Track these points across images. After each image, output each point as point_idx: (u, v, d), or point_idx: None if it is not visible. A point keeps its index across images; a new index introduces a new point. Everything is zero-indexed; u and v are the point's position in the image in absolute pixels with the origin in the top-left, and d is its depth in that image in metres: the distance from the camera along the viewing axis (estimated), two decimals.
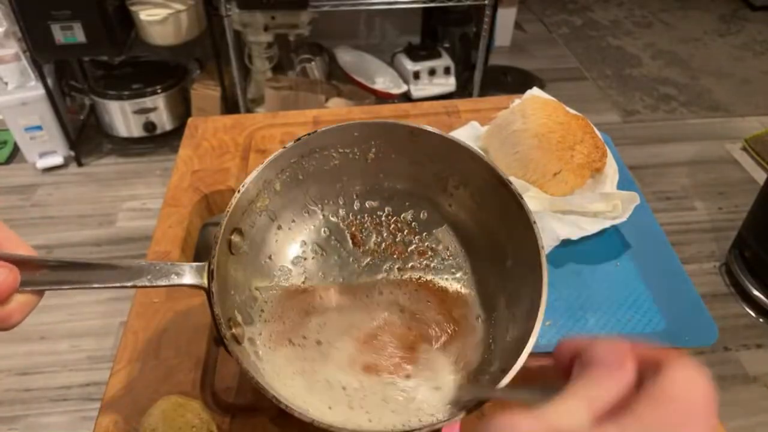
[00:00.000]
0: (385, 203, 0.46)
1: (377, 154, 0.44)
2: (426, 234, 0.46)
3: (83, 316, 1.52)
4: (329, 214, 0.46)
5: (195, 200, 0.76)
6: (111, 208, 1.84)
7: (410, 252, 0.45)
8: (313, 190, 0.45)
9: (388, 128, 0.43)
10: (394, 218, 0.46)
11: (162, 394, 0.52)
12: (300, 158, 0.43)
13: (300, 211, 0.45)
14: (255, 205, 0.42)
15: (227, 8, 1.72)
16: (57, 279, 0.34)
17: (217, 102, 1.96)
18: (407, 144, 0.43)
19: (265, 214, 0.43)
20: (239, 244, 0.40)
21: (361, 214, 0.46)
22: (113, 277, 0.34)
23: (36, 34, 1.69)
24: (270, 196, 0.43)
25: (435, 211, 0.45)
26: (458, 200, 0.44)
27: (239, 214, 0.40)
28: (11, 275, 0.31)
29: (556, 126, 0.65)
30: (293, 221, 0.45)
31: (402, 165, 0.44)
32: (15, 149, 2.04)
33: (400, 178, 0.45)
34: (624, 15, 2.97)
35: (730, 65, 2.57)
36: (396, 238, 0.46)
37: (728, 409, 1.33)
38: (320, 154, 0.43)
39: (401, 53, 2.11)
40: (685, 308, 0.56)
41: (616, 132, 2.12)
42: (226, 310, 0.37)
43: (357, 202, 0.46)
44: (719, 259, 1.68)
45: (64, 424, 1.29)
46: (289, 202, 0.44)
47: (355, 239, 0.46)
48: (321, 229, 0.46)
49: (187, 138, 0.87)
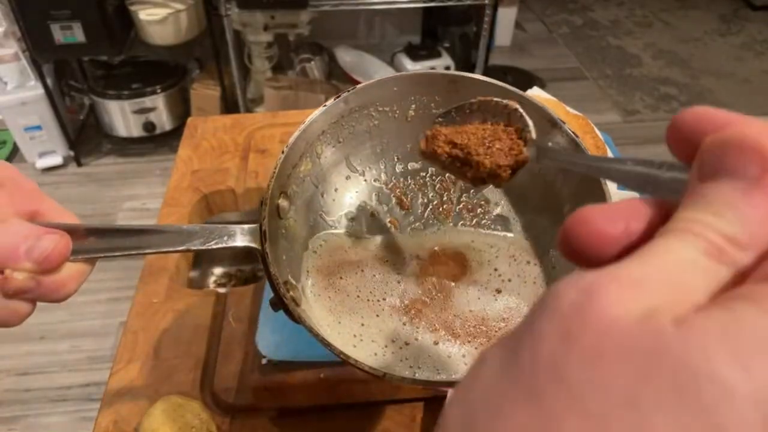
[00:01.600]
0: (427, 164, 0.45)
1: (417, 111, 0.43)
2: (474, 191, 0.44)
3: (83, 316, 1.52)
4: (372, 179, 0.45)
5: (194, 200, 0.76)
6: (110, 208, 1.84)
7: (459, 210, 0.44)
8: (354, 153, 0.44)
9: (426, 79, 0.42)
10: (439, 177, 0.45)
11: (162, 394, 0.52)
12: (340, 118, 0.42)
13: (342, 177, 0.44)
14: (299, 169, 0.41)
15: (227, 8, 1.72)
16: (107, 246, 0.32)
17: (216, 102, 1.95)
18: (448, 96, 0.41)
19: (309, 179, 0.42)
20: (286, 208, 0.40)
21: (405, 176, 0.45)
22: (165, 242, 0.33)
23: (35, 34, 1.69)
24: (312, 159, 0.42)
25: None
26: None
27: (284, 177, 0.39)
28: (62, 241, 0.30)
29: None
30: (336, 188, 0.44)
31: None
32: (14, 149, 2.04)
33: None
34: (624, 15, 2.97)
35: (730, 65, 2.57)
36: (443, 197, 0.44)
37: None
38: (359, 113, 0.42)
39: (401, 53, 2.11)
40: None
41: (617, 132, 2.12)
42: (282, 274, 0.36)
43: (400, 165, 0.45)
44: None
45: (63, 425, 1.29)
46: (331, 166, 0.43)
47: (402, 203, 0.45)
48: (365, 194, 0.45)
49: (187, 138, 0.86)
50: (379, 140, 0.44)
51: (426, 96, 0.42)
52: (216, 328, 0.60)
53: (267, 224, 0.35)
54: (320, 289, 0.41)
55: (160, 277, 0.65)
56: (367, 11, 2.32)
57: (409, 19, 2.35)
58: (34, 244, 0.29)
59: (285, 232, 0.40)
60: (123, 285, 1.59)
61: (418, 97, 0.42)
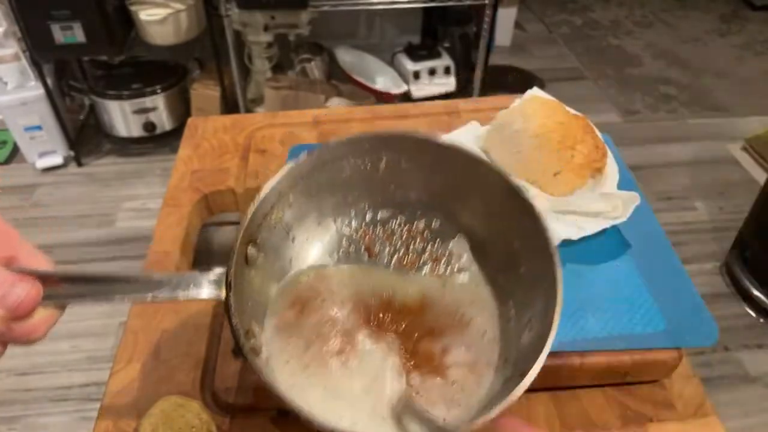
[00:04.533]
0: (397, 213, 0.46)
1: (388, 165, 0.44)
2: (439, 242, 0.46)
3: (83, 316, 1.52)
4: (342, 226, 0.46)
5: (195, 200, 0.76)
6: (111, 208, 1.84)
7: (424, 261, 0.45)
8: (325, 202, 0.45)
9: (398, 139, 0.43)
10: (407, 227, 0.46)
11: (162, 394, 0.52)
12: (312, 170, 0.43)
13: (313, 224, 0.45)
14: (270, 217, 0.42)
15: (227, 8, 1.72)
16: (78, 292, 0.34)
17: (216, 102, 1.96)
18: (417, 154, 0.43)
19: (280, 226, 0.43)
20: (254, 255, 0.40)
21: (374, 224, 0.46)
22: (133, 290, 0.35)
23: (36, 34, 1.69)
24: (284, 208, 0.43)
25: (447, 220, 0.45)
26: (470, 208, 0.44)
27: (254, 227, 0.40)
28: (34, 289, 0.31)
29: (556, 126, 0.64)
30: (307, 234, 0.45)
31: (413, 174, 0.44)
32: (15, 149, 2.04)
33: (411, 188, 0.45)
34: (624, 15, 2.97)
35: (730, 65, 2.57)
36: (409, 247, 0.46)
37: (728, 409, 1.32)
38: (332, 165, 0.43)
39: (401, 53, 2.11)
40: (686, 308, 0.56)
41: (617, 132, 2.11)
42: (244, 322, 0.37)
43: (369, 213, 0.46)
44: (720, 259, 1.67)
45: (63, 425, 1.29)
46: (302, 214, 0.44)
47: (370, 251, 0.46)
48: (335, 241, 0.46)
49: (187, 138, 0.87)
50: (350, 190, 0.45)
51: (396, 153, 0.43)
52: (216, 328, 0.60)
53: (233, 274, 0.36)
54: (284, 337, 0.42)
55: None
56: (367, 11, 2.33)
57: (409, 19, 2.36)
58: (7, 291, 0.30)
59: (252, 279, 0.40)
60: None
61: (389, 153, 0.44)
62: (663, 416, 0.53)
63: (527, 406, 0.54)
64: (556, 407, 0.54)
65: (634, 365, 0.53)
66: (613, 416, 0.53)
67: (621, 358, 0.52)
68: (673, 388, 0.55)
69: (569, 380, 0.54)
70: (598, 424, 0.52)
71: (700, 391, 0.55)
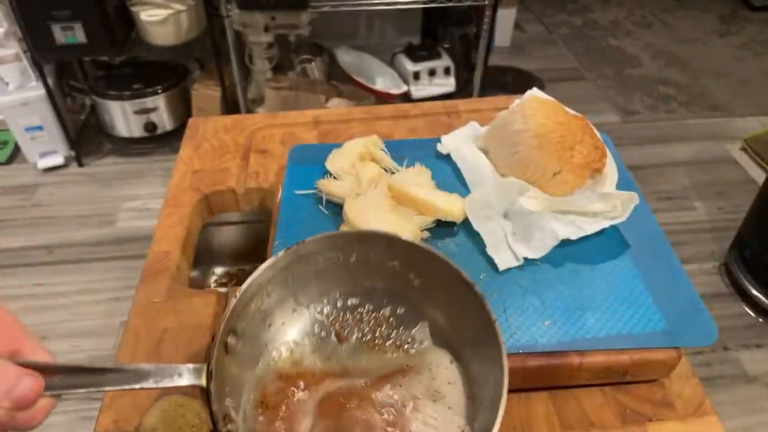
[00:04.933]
0: (365, 301, 0.51)
1: (358, 258, 0.49)
2: (403, 328, 0.50)
3: (84, 316, 1.52)
4: (315, 313, 0.50)
5: (195, 200, 0.76)
6: (111, 208, 1.85)
7: (388, 346, 0.49)
8: (301, 290, 0.50)
9: (368, 237, 0.49)
10: (374, 314, 0.51)
11: (162, 393, 0.52)
12: (290, 263, 0.47)
13: (289, 310, 0.50)
14: (249, 307, 0.46)
15: (227, 8, 1.72)
16: (73, 383, 0.37)
17: (217, 102, 1.96)
18: (385, 248, 0.48)
19: (258, 314, 0.47)
20: (234, 344, 0.44)
21: (344, 311, 0.51)
22: (122, 380, 0.38)
23: (36, 35, 1.69)
24: (263, 298, 0.47)
25: (411, 308, 0.50)
26: (430, 299, 0.49)
27: (235, 318, 0.44)
28: (37, 383, 0.35)
29: (555, 126, 0.65)
30: (283, 319, 0.49)
31: (381, 266, 0.49)
32: (16, 149, 2.04)
33: (379, 278, 0.50)
34: (624, 15, 2.97)
35: (729, 65, 2.57)
36: (376, 332, 0.50)
37: (728, 409, 1.33)
38: (308, 259, 0.48)
39: (401, 53, 2.11)
40: (685, 308, 0.56)
41: (616, 132, 2.12)
42: (222, 408, 0.41)
43: (340, 301, 0.51)
44: (719, 258, 1.68)
45: (64, 424, 1.30)
46: (279, 302, 0.49)
47: (339, 336, 0.50)
48: (308, 326, 0.50)
49: (188, 138, 0.87)
50: (323, 280, 0.50)
51: (367, 247, 0.49)
52: (217, 328, 0.61)
53: (214, 364, 0.40)
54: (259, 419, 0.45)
55: (161, 276, 0.66)
56: (367, 12, 2.33)
57: (409, 20, 2.36)
58: (14, 385, 0.34)
59: (230, 365, 0.43)
60: (124, 285, 1.59)
61: (360, 247, 0.49)
62: (662, 416, 0.53)
63: (527, 406, 0.54)
64: (556, 406, 0.54)
65: (633, 365, 0.53)
66: (613, 415, 0.53)
67: (620, 358, 0.52)
68: (672, 387, 0.55)
69: (568, 379, 0.54)
70: (597, 423, 0.52)
71: (699, 390, 0.55)
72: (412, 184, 0.65)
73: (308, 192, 0.68)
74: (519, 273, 0.59)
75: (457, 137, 0.76)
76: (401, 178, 0.67)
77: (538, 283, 0.58)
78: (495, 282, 0.58)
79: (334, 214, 0.65)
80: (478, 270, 0.59)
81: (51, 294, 1.58)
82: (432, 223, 0.63)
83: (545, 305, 0.56)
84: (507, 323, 0.54)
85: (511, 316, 0.55)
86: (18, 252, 1.70)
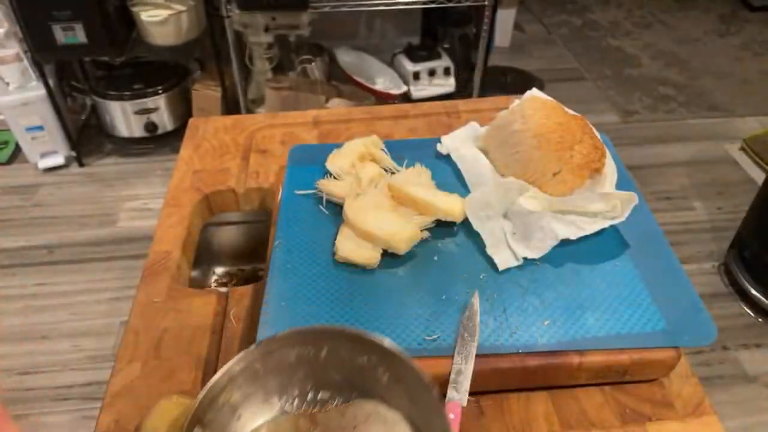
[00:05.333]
0: (335, 394, 0.51)
1: (329, 352, 0.50)
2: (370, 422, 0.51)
3: (84, 315, 1.52)
4: (285, 404, 0.51)
5: (196, 200, 0.76)
6: (112, 208, 1.85)
7: None
8: (271, 383, 0.50)
9: (336, 334, 0.50)
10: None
11: (163, 393, 0.53)
12: (262, 356, 0.48)
13: (259, 402, 0.50)
14: (218, 400, 0.46)
15: (228, 9, 1.72)
16: None
17: (217, 102, 1.96)
18: (354, 345, 0.49)
19: (228, 406, 0.47)
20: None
21: (314, 404, 0.51)
22: None
23: (37, 35, 1.69)
24: (232, 391, 0.47)
25: (379, 403, 0.51)
26: (396, 395, 0.50)
27: (202, 410, 0.44)
28: None
29: (555, 126, 0.65)
30: (252, 410, 0.50)
31: (350, 362, 0.50)
32: (16, 149, 2.04)
33: (348, 373, 0.51)
34: (623, 15, 2.97)
35: (729, 65, 2.57)
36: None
37: (727, 409, 1.33)
38: (279, 353, 0.49)
39: (401, 54, 2.11)
40: (684, 308, 0.56)
41: (615, 132, 2.13)
42: None
43: (310, 393, 0.51)
44: (718, 258, 1.68)
45: (65, 424, 1.30)
46: (249, 393, 0.49)
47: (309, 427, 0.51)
48: (277, 418, 0.51)
49: (188, 138, 0.87)
50: (294, 373, 0.50)
51: (337, 342, 0.49)
52: (217, 328, 0.61)
53: None
54: None
55: (161, 276, 0.66)
56: (367, 12, 2.33)
57: (409, 20, 2.36)
58: None
59: None
60: (124, 284, 1.60)
61: (330, 343, 0.50)
62: (662, 415, 0.53)
63: (527, 406, 0.54)
64: (555, 406, 0.54)
65: (632, 364, 0.53)
66: (612, 415, 0.53)
67: (620, 358, 0.53)
68: (672, 387, 0.55)
69: (568, 379, 0.54)
70: (597, 423, 0.53)
71: (699, 390, 0.55)
72: (412, 184, 0.65)
73: (308, 192, 0.68)
74: (519, 273, 0.59)
75: (457, 137, 0.76)
76: (401, 178, 0.67)
77: (538, 283, 0.58)
78: (495, 282, 0.58)
79: (334, 214, 0.65)
80: (478, 270, 0.60)
81: (51, 294, 1.58)
82: (432, 223, 0.63)
83: (545, 305, 0.56)
84: (507, 323, 0.54)
85: (510, 315, 0.55)
86: (18, 252, 1.70)
